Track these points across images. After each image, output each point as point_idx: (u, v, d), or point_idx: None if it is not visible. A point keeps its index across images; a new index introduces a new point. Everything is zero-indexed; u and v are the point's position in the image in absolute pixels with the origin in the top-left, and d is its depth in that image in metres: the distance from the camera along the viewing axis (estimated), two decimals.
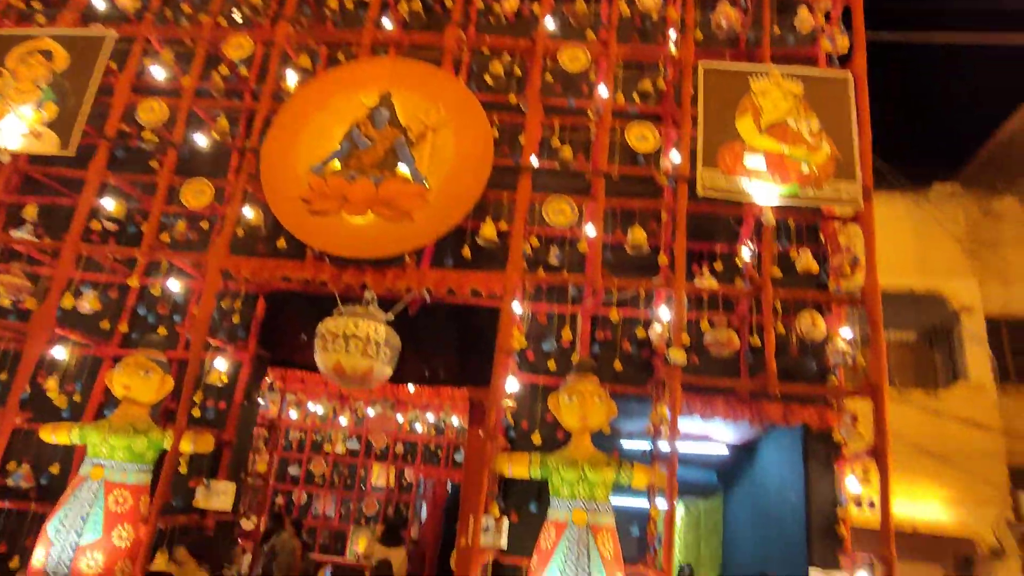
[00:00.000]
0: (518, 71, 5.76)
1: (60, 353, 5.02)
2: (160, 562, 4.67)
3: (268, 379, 6.88)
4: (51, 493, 4.99)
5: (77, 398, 5.18)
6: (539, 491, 5.01)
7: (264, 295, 5.49)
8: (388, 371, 4.78)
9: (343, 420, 11.38)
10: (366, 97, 4.95)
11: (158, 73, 5.64)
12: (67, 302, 4.83)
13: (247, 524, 7.62)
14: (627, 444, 6.46)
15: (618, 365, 5.15)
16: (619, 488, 4.58)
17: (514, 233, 4.74)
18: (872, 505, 4.67)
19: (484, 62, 5.76)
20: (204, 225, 5.55)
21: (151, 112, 5.17)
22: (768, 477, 6.78)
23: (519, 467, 4.56)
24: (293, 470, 11.27)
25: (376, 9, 5.53)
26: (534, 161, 5.02)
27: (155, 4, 5.77)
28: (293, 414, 11.26)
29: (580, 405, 4.48)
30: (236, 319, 5.32)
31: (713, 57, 5.26)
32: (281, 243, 4.81)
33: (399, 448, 11.41)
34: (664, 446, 4.90)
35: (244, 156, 4.93)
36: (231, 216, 4.81)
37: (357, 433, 11.45)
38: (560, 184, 5.32)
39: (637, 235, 4.92)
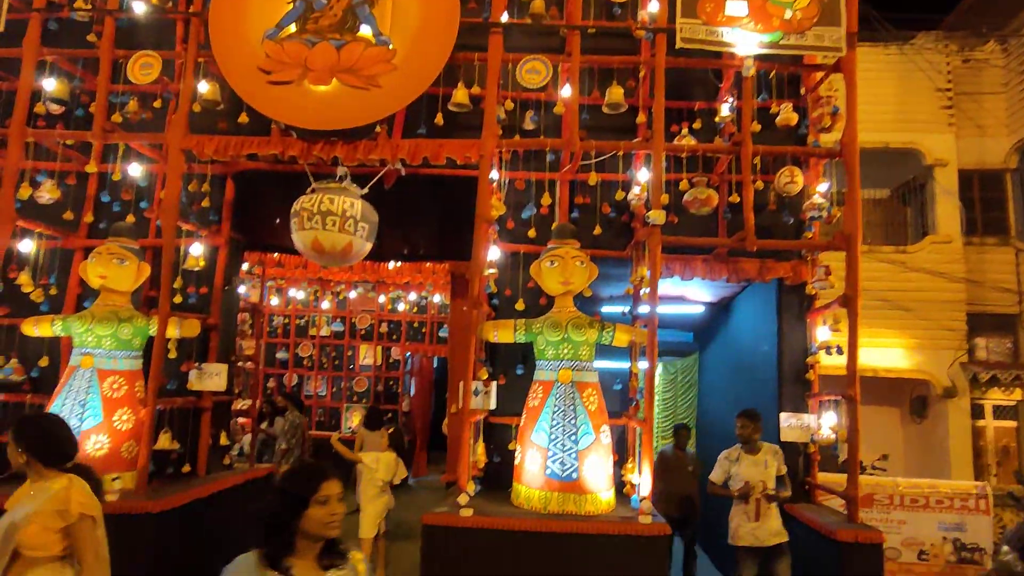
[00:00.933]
0: None
1: (27, 246, 4.88)
2: (163, 441, 4.85)
3: (246, 264, 6.81)
4: (44, 384, 5.06)
5: (53, 291, 5.10)
6: (524, 355, 5.19)
7: (232, 176, 5.29)
8: (367, 247, 4.75)
9: (325, 304, 11.52)
10: None
11: None
12: (24, 192, 4.61)
13: (241, 405, 7.87)
14: (607, 309, 6.65)
15: (598, 229, 5.15)
16: (602, 350, 4.77)
17: (487, 96, 4.54)
18: (840, 351, 4.93)
19: None
20: (157, 104, 5.21)
21: None
22: (742, 332, 7.09)
23: (504, 332, 4.71)
24: (281, 354, 11.53)
25: None
26: (504, 17, 4.72)
27: None
28: (275, 301, 11.35)
29: (562, 269, 4.55)
30: (206, 203, 5.16)
31: None
32: (243, 118, 4.55)
33: (383, 328, 11.69)
34: (644, 307, 5.05)
35: (190, 23, 4.54)
36: (185, 91, 4.51)
37: (341, 316, 11.64)
38: (533, 43, 5.04)
39: (615, 94, 4.74)
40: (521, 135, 5.05)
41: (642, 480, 4.37)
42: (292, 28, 4.43)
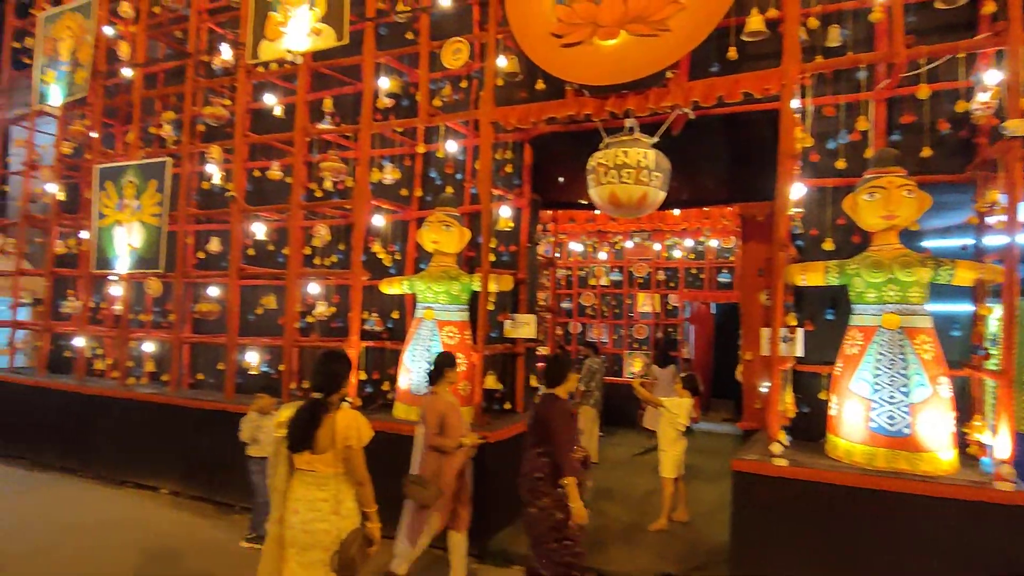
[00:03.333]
0: None
1: (378, 221, 5.95)
2: (490, 381, 5.58)
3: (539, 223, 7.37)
4: (396, 333, 6.18)
5: (398, 256, 6.16)
6: (834, 298, 4.77)
7: (529, 141, 5.72)
8: (661, 195, 4.77)
9: (603, 255, 11.92)
10: None
11: None
12: (374, 176, 5.60)
13: (542, 351, 8.68)
14: (928, 243, 5.70)
15: (926, 151, 4.42)
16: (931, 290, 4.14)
17: (787, 17, 4.14)
18: None
19: None
20: (463, 84, 5.85)
21: None
22: None
23: (814, 275, 4.37)
24: (565, 304, 12.31)
25: None
26: None
27: None
28: (556, 254, 12.10)
29: (884, 201, 4.03)
30: (509, 168, 5.68)
31: None
32: (540, 85, 4.88)
33: (660, 276, 11.70)
34: (996, 237, 4.23)
35: (488, 5, 4.97)
36: (490, 68, 4.98)
37: (618, 265, 11.95)
38: None
39: None
40: (825, 55, 4.52)
41: (999, 441, 3.75)
42: None
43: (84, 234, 7.56)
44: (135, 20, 7.36)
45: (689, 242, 11.17)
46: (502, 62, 5.03)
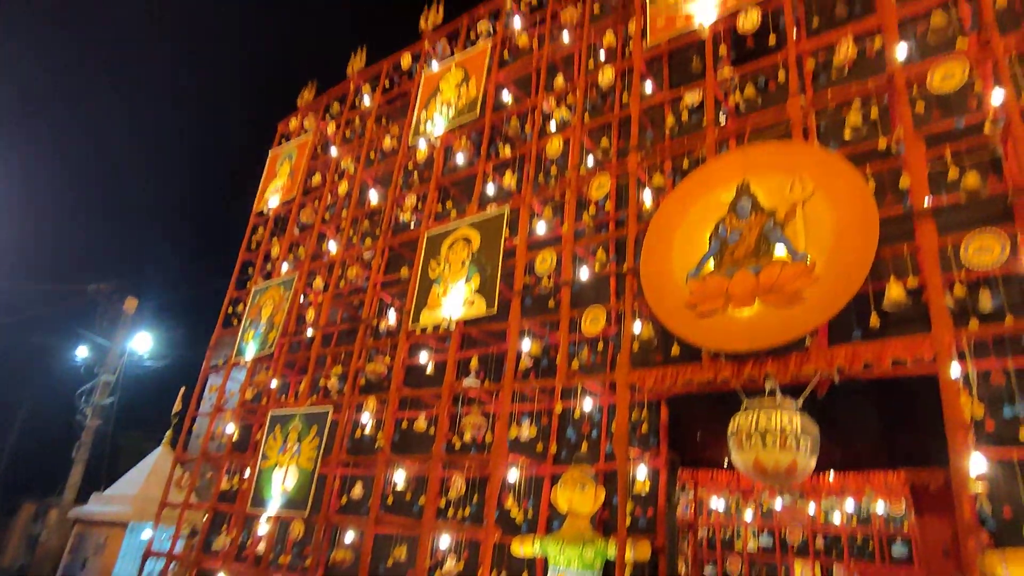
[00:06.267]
0: (876, 114, 5.27)
1: (512, 475, 5.98)
2: None
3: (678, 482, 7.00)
4: None
5: (530, 513, 6.03)
6: None
7: (666, 400, 5.75)
8: (812, 462, 4.46)
9: (749, 514, 10.83)
10: (724, 194, 5.08)
11: (541, 228, 6.76)
12: (512, 432, 5.79)
13: None
14: None
15: None
16: None
17: (930, 287, 4.15)
18: None
19: (838, 119, 5.44)
20: (599, 347, 6.19)
21: (544, 263, 6.20)
22: None
23: (1020, 567, 3.67)
24: (708, 570, 10.98)
25: (711, 110, 5.79)
26: (928, 202, 4.43)
27: (531, 175, 7.06)
28: (694, 510, 11.16)
29: None
30: (644, 428, 5.66)
31: None
32: (675, 350, 5.06)
33: (819, 542, 10.28)
34: None
35: (626, 278, 5.46)
36: (626, 334, 5.29)
37: (768, 528, 10.73)
38: (971, 217, 4.54)
39: None
40: (981, 320, 4.36)
41: None
42: (711, 265, 4.92)
43: (248, 472, 8.23)
44: (323, 290, 8.79)
45: (850, 504, 9.93)
46: (638, 328, 5.34)
